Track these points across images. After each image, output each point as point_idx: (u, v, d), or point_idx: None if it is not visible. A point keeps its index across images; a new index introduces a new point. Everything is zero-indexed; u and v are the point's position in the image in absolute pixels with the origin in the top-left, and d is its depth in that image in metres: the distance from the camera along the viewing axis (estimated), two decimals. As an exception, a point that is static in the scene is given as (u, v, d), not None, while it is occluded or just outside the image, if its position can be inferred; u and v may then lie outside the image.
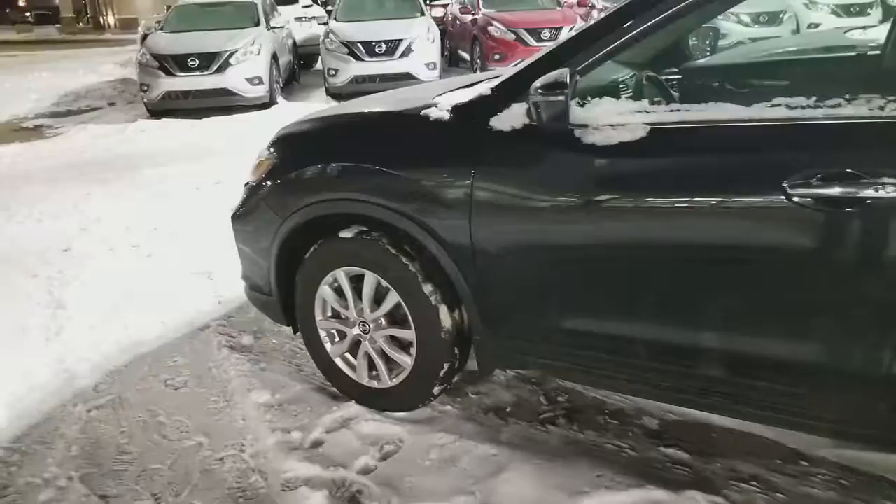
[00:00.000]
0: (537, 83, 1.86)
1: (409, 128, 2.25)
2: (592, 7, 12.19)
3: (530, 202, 1.98)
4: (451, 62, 12.97)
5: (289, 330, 2.75)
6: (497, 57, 10.44)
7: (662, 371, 1.98)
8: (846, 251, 1.65)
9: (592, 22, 2.12)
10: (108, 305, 3.59)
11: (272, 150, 2.60)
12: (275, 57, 10.09)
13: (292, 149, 2.57)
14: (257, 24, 10.22)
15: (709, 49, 3.32)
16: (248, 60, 9.48)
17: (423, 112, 2.19)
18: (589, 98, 1.95)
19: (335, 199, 2.32)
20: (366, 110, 2.59)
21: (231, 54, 9.43)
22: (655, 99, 2.30)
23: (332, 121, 2.62)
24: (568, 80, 1.82)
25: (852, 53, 2.85)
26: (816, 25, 10.45)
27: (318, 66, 11.41)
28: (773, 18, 10.39)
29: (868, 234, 1.61)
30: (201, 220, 4.80)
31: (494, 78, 2.28)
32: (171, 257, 4.27)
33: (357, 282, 2.41)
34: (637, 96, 2.33)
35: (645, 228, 1.85)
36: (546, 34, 10.35)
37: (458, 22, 12.63)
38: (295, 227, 2.43)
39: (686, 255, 1.83)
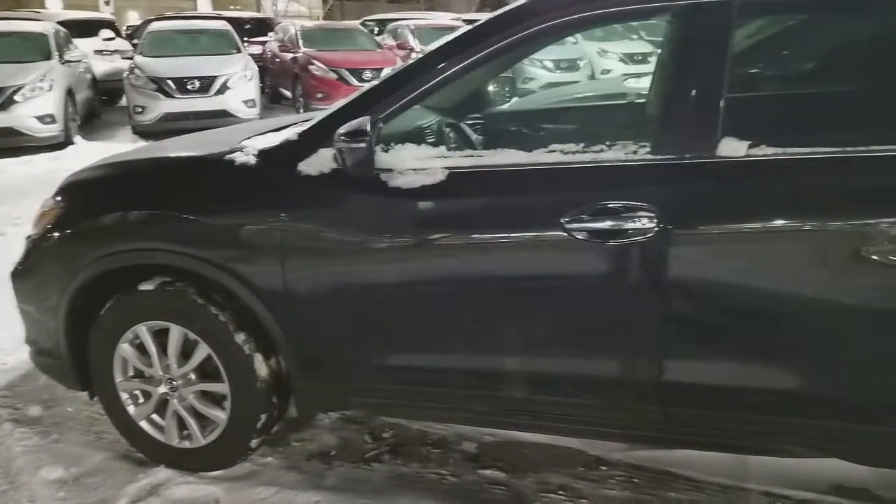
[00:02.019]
0: (340, 130, 1.92)
1: (214, 173, 2.21)
2: (411, 50, 12.67)
3: (341, 245, 2.03)
4: (272, 99, 12.78)
5: (85, 395, 2.52)
6: (320, 95, 10.44)
7: (472, 396, 2.10)
8: (619, 276, 1.87)
9: (393, 71, 2.23)
10: None
11: (59, 198, 2.41)
12: (70, 93, 9.29)
13: (84, 196, 2.41)
14: (48, 57, 9.36)
15: (507, 95, 3.60)
16: (38, 97, 8.65)
17: (229, 157, 2.16)
18: (393, 144, 2.05)
19: (133, 249, 2.20)
20: (167, 155, 2.50)
21: (17, 90, 8.55)
22: (453, 144, 2.46)
23: (129, 166, 2.49)
24: (369, 128, 1.89)
25: (623, 101, 3.25)
26: (608, 71, 11.69)
27: (124, 101, 10.69)
28: (572, 65, 11.48)
29: (634, 261, 1.83)
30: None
31: (304, 122, 2.31)
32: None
33: (161, 336, 2.28)
34: (439, 142, 2.47)
35: (449, 265, 1.99)
36: (368, 74, 10.55)
37: (277, 59, 12.49)
38: (87, 282, 2.26)
39: (486, 287, 1.98)
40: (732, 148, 1.76)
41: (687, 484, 2.29)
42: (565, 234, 1.83)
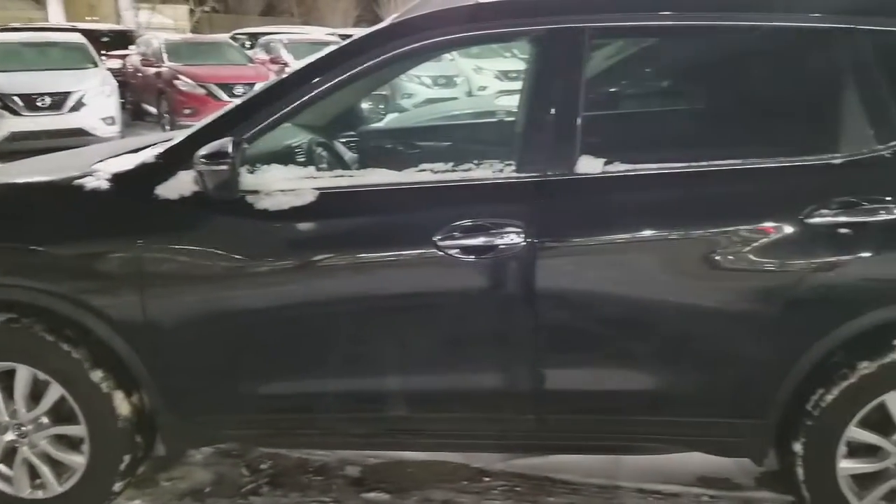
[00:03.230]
0: (200, 152, 1.84)
1: (61, 199, 2.05)
2: (285, 65, 12.42)
3: (205, 271, 1.94)
4: (135, 116, 12.08)
5: None
6: (188, 112, 10.00)
7: (353, 420, 2.08)
8: (492, 291, 1.91)
9: (258, 90, 2.17)
10: None
11: None
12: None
13: None
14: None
15: (382, 113, 3.61)
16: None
17: (78, 181, 2.02)
18: (259, 164, 2.00)
19: (-31, 285, 2.00)
20: (10, 181, 2.28)
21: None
22: (325, 164, 2.43)
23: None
24: (231, 150, 1.82)
25: (494, 120, 3.35)
26: (484, 88, 12.01)
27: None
28: (450, 81, 11.70)
29: (505, 275, 1.89)
30: None
31: (163, 143, 2.19)
32: None
33: (6, 379, 2.07)
34: (309, 161, 2.42)
35: (322, 288, 1.95)
36: (240, 90, 10.22)
37: (140, 74, 11.85)
38: None
39: (361, 309, 1.96)
40: (590, 165, 1.86)
41: (565, 487, 2.37)
42: (438, 251, 1.85)
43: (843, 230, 1.77)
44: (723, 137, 2.02)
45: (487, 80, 11.91)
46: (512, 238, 1.83)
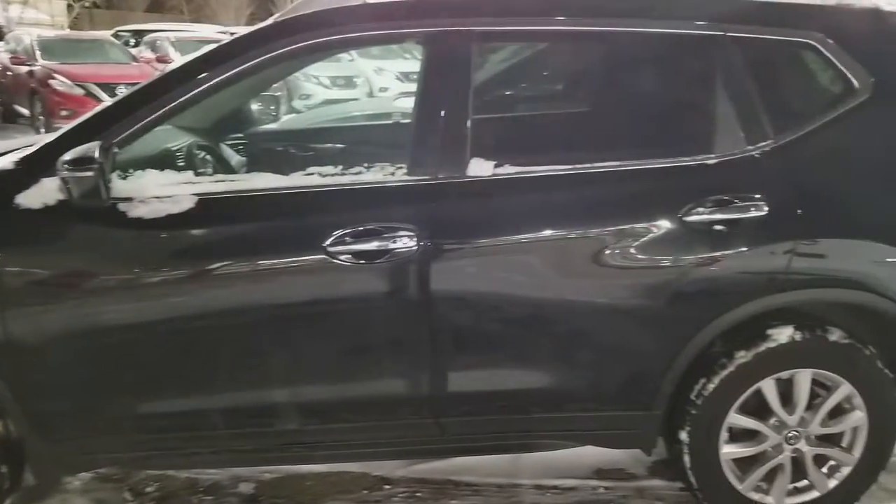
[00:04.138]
0: (64, 158, 1.71)
1: None
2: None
3: (74, 285, 1.81)
4: (5, 118, 11.20)
5: None
6: (65, 113, 9.34)
7: (242, 436, 1.98)
8: (387, 296, 1.88)
9: (132, 90, 2.03)
10: None
11: None
12: None
13: None
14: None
15: (274, 114, 3.49)
16: None
17: (-76, 191, 1.81)
18: (132, 170, 1.87)
19: None
20: None
21: None
22: (209, 168, 2.32)
23: None
24: (98, 154, 1.70)
25: (389, 122, 3.31)
26: (386, 89, 11.92)
27: None
28: (349, 82, 11.53)
29: (400, 280, 1.85)
30: None
31: (24, 149, 2.01)
32: None
33: None
34: (190, 166, 2.30)
35: (204, 299, 1.85)
36: (122, 90, 9.65)
37: (10, 73, 10.97)
38: None
39: (248, 320, 1.87)
40: (480, 168, 1.87)
41: (467, 489, 2.37)
42: (329, 257, 1.79)
43: (717, 227, 1.86)
44: (608, 140, 2.07)
45: (389, 82, 11.85)
46: (405, 242, 1.80)
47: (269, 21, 2.10)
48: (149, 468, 2.33)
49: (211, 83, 1.88)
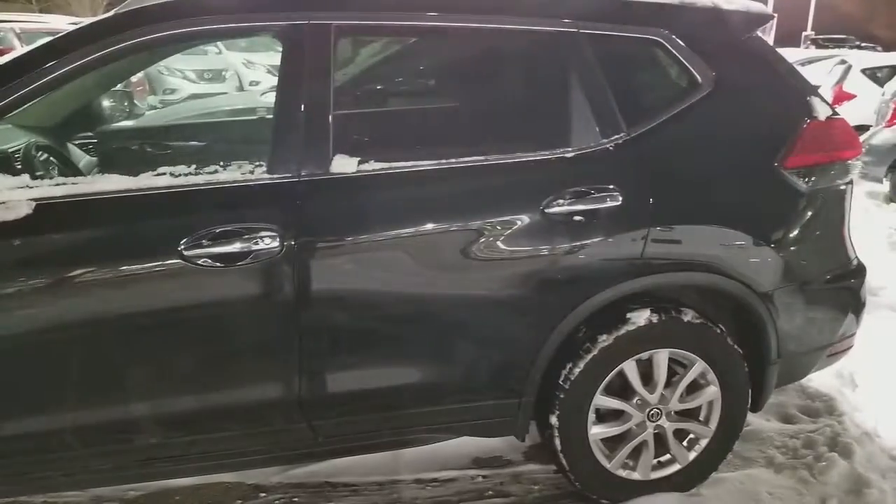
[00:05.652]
0: None
1: None
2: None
3: None
4: None
5: None
6: None
7: (96, 455, 1.85)
8: (251, 299, 1.81)
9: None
10: None
11: None
12: None
13: None
14: None
15: (126, 111, 3.28)
16: None
17: None
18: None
19: None
20: None
21: None
22: (49, 171, 2.14)
23: None
24: None
25: (252, 118, 3.19)
26: (257, 83, 11.49)
27: None
28: (217, 76, 11.01)
29: (263, 282, 1.79)
30: None
31: None
32: None
33: None
34: (27, 168, 2.10)
35: (48, 312, 1.71)
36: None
37: None
38: None
39: (98, 331, 1.76)
40: (344, 165, 1.83)
41: (345, 490, 2.33)
42: (184, 261, 1.70)
43: (577, 217, 1.93)
44: (472, 135, 2.10)
45: (260, 76, 11.44)
46: (267, 242, 1.74)
47: (112, 12, 1.95)
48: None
49: (54, 75, 1.73)
